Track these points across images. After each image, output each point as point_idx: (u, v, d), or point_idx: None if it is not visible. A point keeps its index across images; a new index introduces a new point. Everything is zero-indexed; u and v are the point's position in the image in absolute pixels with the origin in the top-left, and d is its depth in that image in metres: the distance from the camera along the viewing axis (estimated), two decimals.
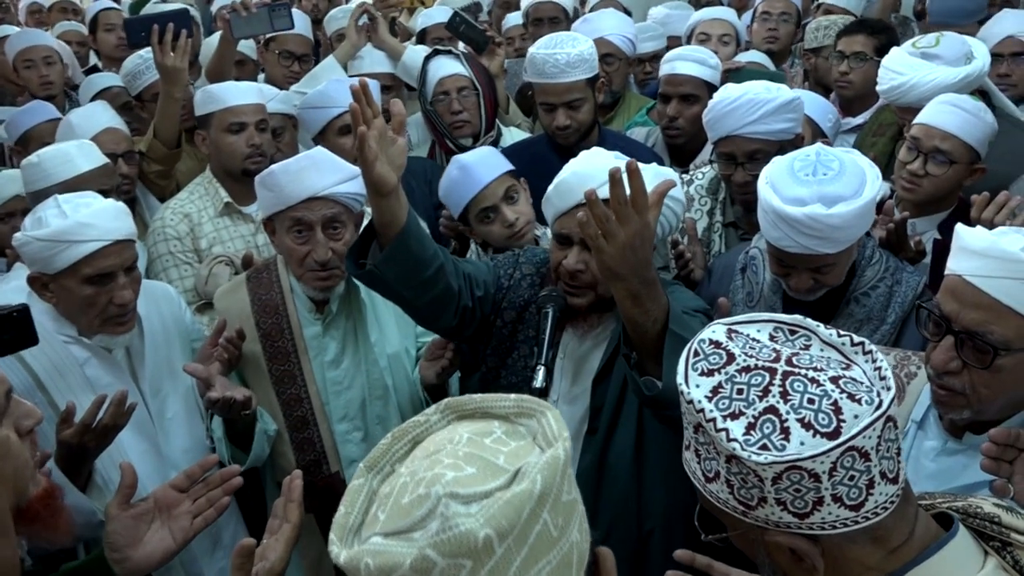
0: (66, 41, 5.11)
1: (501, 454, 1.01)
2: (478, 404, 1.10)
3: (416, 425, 1.10)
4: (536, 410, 1.07)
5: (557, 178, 2.19)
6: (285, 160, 2.49)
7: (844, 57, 3.73)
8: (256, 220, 3.23)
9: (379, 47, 4.01)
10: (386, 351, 2.58)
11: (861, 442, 1.12)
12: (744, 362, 1.18)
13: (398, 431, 1.10)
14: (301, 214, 2.45)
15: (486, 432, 1.04)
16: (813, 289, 2.32)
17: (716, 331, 1.25)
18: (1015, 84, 3.58)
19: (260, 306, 2.57)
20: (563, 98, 3.16)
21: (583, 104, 3.18)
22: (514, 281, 2.33)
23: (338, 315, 2.58)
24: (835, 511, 1.14)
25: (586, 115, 3.21)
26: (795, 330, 1.24)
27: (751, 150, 2.71)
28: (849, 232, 2.18)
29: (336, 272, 2.50)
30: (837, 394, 1.13)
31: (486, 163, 2.80)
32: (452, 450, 1.01)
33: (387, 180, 1.95)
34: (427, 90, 3.54)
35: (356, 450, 2.59)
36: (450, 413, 1.11)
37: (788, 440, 1.12)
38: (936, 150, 2.68)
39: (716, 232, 2.91)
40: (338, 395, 2.57)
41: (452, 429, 1.08)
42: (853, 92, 3.72)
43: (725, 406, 1.17)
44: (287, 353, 2.54)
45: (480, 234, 2.87)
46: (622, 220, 1.76)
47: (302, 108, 3.39)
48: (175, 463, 2.43)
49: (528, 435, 1.06)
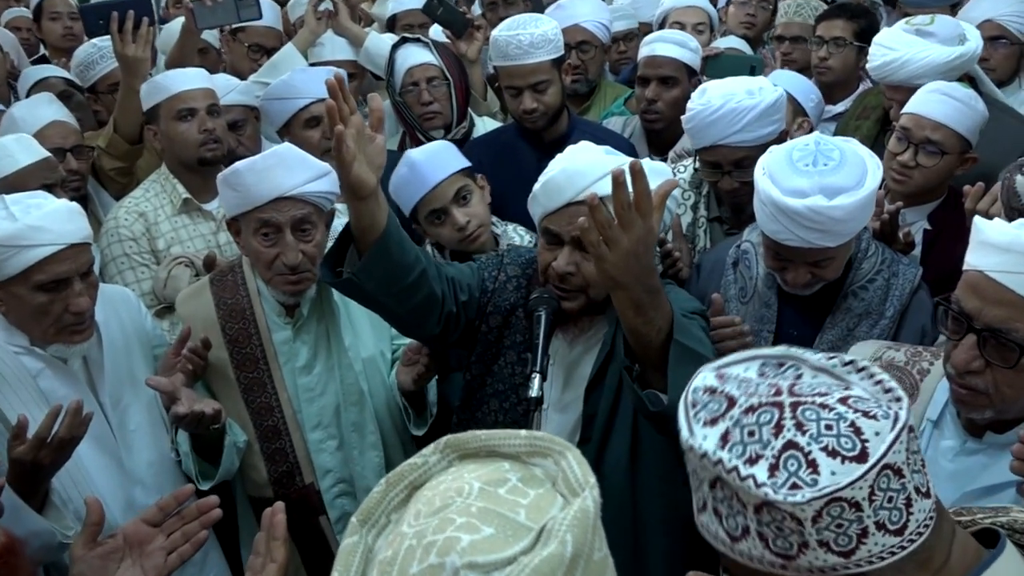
0: (15, 28, 4.95)
1: (521, 508, 0.91)
2: (483, 442, 1.00)
3: (412, 468, 1.00)
4: (552, 449, 0.98)
5: (545, 175, 2.13)
6: (251, 157, 2.39)
7: (823, 42, 3.70)
8: (217, 217, 3.14)
9: (340, 34, 3.90)
10: (360, 355, 2.50)
11: (893, 458, 1.05)
12: (747, 402, 1.10)
13: (392, 476, 1.01)
14: (269, 215, 2.35)
15: (499, 480, 0.94)
16: (810, 284, 2.28)
17: (706, 377, 1.17)
18: (994, 68, 3.55)
19: (226, 310, 2.47)
20: (528, 80, 3.09)
21: (549, 86, 3.12)
22: (499, 284, 2.25)
23: (309, 318, 2.50)
24: (880, 540, 1.07)
25: (553, 98, 3.14)
26: (782, 362, 1.17)
27: (737, 158, 2.64)
28: (851, 224, 2.14)
29: (307, 275, 2.41)
30: (852, 414, 1.06)
31: (437, 161, 2.74)
32: (463, 505, 0.91)
33: (366, 182, 1.86)
34: (395, 80, 3.44)
35: (331, 459, 2.52)
36: (450, 452, 1.01)
37: (818, 473, 1.04)
38: (927, 140, 2.64)
39: (701, 227, 2.85)
40: (311, 402, 2.49)
41: (457, 474, 0.98)
42: (833, 78, 3.68)
43: (740, 452, 1.07)
44: (255, 360, 2.45)
45: (431, 235, 2.82)
46: (625, 225, 1.69)
47: (265, 99, 3.29)
48: (139, 478, 2.35)
49: (546, 480, 0.97)
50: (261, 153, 2.38)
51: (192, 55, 3.67)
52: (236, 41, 4.04)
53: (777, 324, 2.38)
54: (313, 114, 3.16)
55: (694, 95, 2.72)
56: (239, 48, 4.03)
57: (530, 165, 3.01)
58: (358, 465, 2.50)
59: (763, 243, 2.30)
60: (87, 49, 3.73)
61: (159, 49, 4.05)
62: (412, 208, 2.75)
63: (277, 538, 1.60)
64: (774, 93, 2.64)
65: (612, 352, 2.12)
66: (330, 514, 2.51)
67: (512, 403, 2.20)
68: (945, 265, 2.55)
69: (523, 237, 2.89)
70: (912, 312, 2.33)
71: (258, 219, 2.36)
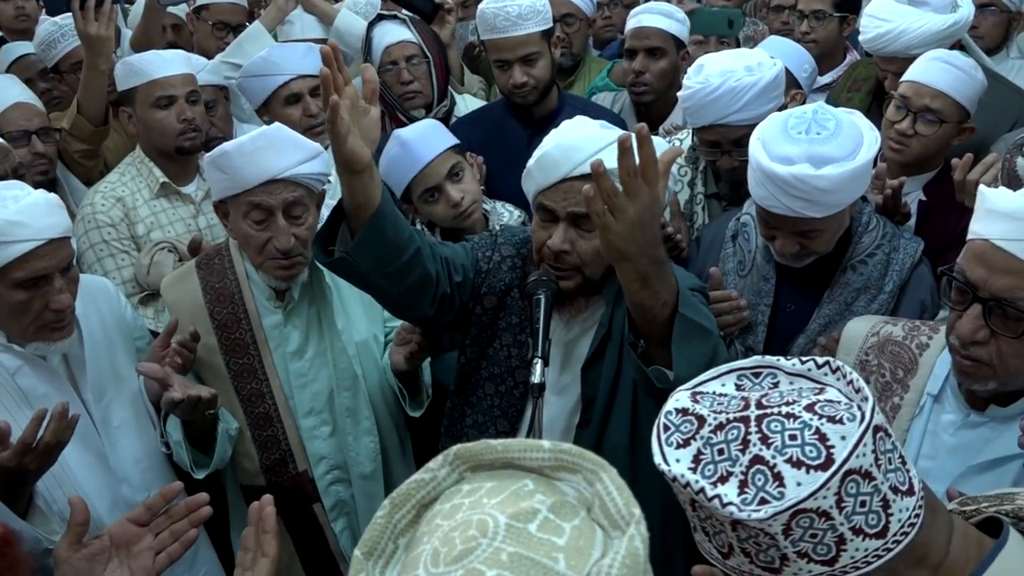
0: None
1: (559, 553, 0.81)
2: (499, 453, 0.92)
3: (419, 486, 0.92)
4: (582, 466, 0.89)
5: (539, 150, 2.12)
6: (239, 138, 2.37)
7: (803, 16, 3.73)
8: (196, 200, 3.12)
9: (310, 11, 3.88)
10: (354, 339, 2.50)
11: (857, 463, 1.05)
12: (715, 420, 1.12)
13: (397, 496, 0.92)
14: (260, 199, 2.33)
15: (528, 512, 0.84)
16: (800, 255, 2.30)
17: (680, 399, 1.18)
18: (982, 36, 3.60)
19: (213, 295, 2.46)
20: (517, 53, 3.10)
21: (539, 59, 3.12)
22: (493, 264, 2.24)
23: (300, 302, 2.49)
24: (861, 545, 1.07)
25: (543, 71, 3.14)
26: (759, 372, 1.19)
27: (737, 137, 2.65)
28: (837, 197, 2.14)
29: (300, 259, 2.40)
30: (816, 421, 1.07)
31: (428, 139, 2.74)
32: (491, 551, 0.80)
33: (361, 156, 1.83)
34: (373, 59, 3.42)
35: (324, 446, 2.52)
36: (461, 465, 0.93)
37: (784, 486, 1.05)
38: (926, 109, 2.67)
39: (698, 204, 2.86)
40: (303, 388, 2.49)
41: (474, 496, 0.88)
42: (817, 51, 3.69)
43: (711, 472, 1.09)
44: (245, 345, 2.44)
45: (424, 214, 2.83)
46: (631, 194, 1.67)
47: (243, 77, 3.26)
48: (125, 475, 2.33)
49: (579, 506, 0.87)
50: (249, 134, 2.36)
51: (157, 33, 3.64)
52: (200, 19, 4.00)
53: (775, 298, 2.41)
54: (293, 91, 3.16)
55: (690, 72, 2.72)
56: (203, 26, 3.99)
57: (520, 142, 3.08)
58: (352, 451, 2.51)
59: (755, 210, 2.32)
60: (48, 28, 3.68)
61: (129, 27, 4.00)
62: (405, 187, 2.76)
63: (267, 531, 1.58)
64: (773, 68, 2.64)
65: (609, 332, 2.12)
66: (324, 501, 2.52)
67: (508, 386, 2.20)
68: (940, 236, 2.61)
69: (512, 214, 2.91)
70: (912, 287, 2.36)
71: (248, 202, 2.34)
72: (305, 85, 3.16)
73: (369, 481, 2.52)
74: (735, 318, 2.39)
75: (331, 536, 2.52)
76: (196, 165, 3.20)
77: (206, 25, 3.97)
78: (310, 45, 3.26)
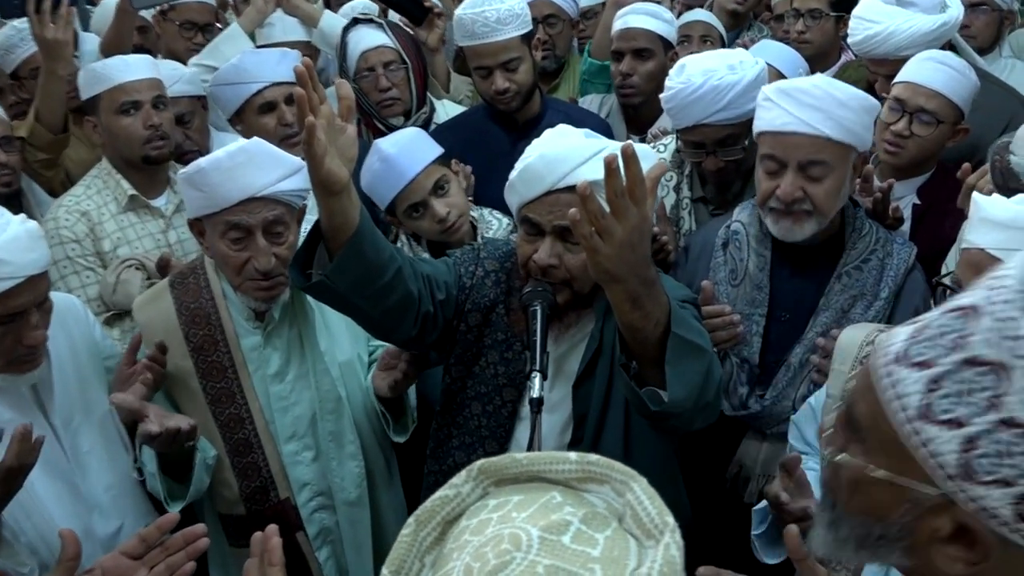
0: None
1: (595, 564, 0.82)
2: (525, 467, 0.93)
3: (444, 502, 0.94)
4: (611, 477, 0.91)
5: (521, 162, 2.13)
6: (216, 154, 2.35)
7: (799, 15, 3.76)
8: (167, 214, 3.10)
9: (291, 13, 3.87)
10: (337, 359, 2.49)
11: None
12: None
13: (422, 514, 0.94)
14: (238, 218, 2.32)
15: (560, 525, 0.85)
16: (800, 215, 2.32)
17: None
18: (974, 36, 3.65)
19: (188, 316, 2.44)
20: (498, 59, 3.11)
21: (521, 64, 3.13)
22: (477, 280, 2.24)
23: (280, 322, 2.47)
24: None
25: (525, 75, 3.16)
26: None
27: (721, 137, 2.70)
28: (850, 117, 2.28)
29: (281, 280, 2.39)
30: None
31: (411, 152, 2.74)
32: (527, 565, 0.81)
33: (338, 176, 1.83)
34: (349, 65, 3.43)
35: (307, 472, 2.50)
36: (485, 479, 0.94)
37: None
38: (921, 109, 2.72)
39: (685, 209, 2.89)
40: (284, 412, 2.47)
41: (502, 509, 0.89)
42: (813, 51, 3.75)
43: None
44: (223, 368, 2.42)
45: (409, 228, 2.84)
46: (619, 214, 1.66)
47: (215, 85, 3.24)
48: (97, 503, 2.30)
49: (610, 517, 0.89)
50: (226, 148, 2.34)
51: (129, 37, 3.62)
52: (167, 20, 3.98)
53: (769, 307, 2.45)
54: (267, 99, 3.15)
55: (672, 72, 2.76)
56: (171, 27, 3.96)
57: (503, 148, 3.10)
58: (337, 476, 2.49)
59: (759, 158, 2.39)
60: (6, 32, 3.65)
61: (93, 30, 3.97)
62: (389, 204, 2.77)
63: (274, 564, 1.57)
64: (756, 67, 2.70)
65: (600, 347, 2.13)
66: (308, 530, 2.49)
67: (496, 406, 2.21)
68: (935, 240, 2.66)
69: (501, 221, 2.92)
70: (906, 293, 2.40)
71: (226, 221, 2.32)
72: (280, 93, 3.15)
73: (354, 508, 2.51)
74: (729, 333, 2.42)
75: (315, 566, 2.50)
76: (166, 176, 3.18)
77: (173, 26, 3.95)
78: (284, 51, 3.26)
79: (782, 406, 2.42)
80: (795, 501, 1.74)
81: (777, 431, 2.45)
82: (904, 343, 1.09)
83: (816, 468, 1.91)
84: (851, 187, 2.44)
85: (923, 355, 1.05)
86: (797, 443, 2.16)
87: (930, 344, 1.05)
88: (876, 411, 1.10)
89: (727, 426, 2.45)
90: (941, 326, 1.06)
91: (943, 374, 1.03)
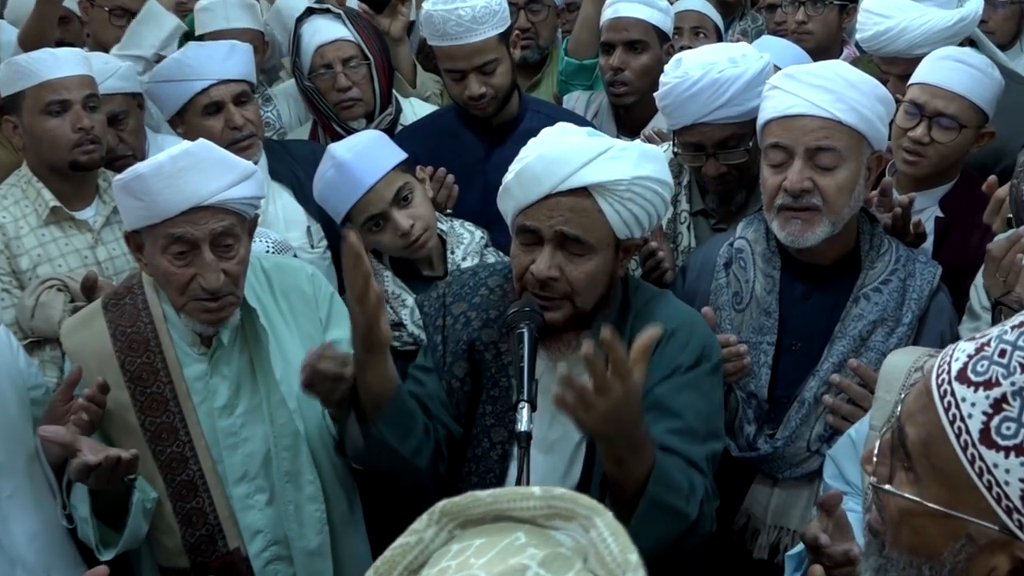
0: None
1: None
2: (488, 506, 0.94)
3: (405, 550, 0.94)
4: (576, 512, 0.92)
5: (518, 163, 2.15)
6: (157, 158, 2.31)
7: (799, 3, 3.78)
8: (95, 227, 3.07)
9: None
10: (295, 389, 2.41)
11: None
12: None
13: (381, 566, 0.94)
14: (182, 230, 2.28)
15: (516, 571, 0.86)
16: (808, 210, 2.32)
17: None
18: (993, 31, 3.70)
19: (125, 341, 2.40)
20: (473, 62, 3.08)
21: (498, 65, 3.11)
22: (449, 330, 2.31)
23: (230, 348, 2.44)
24: None
25: (503, 78, 3.13)
26: None
27: (722, 138, 2.69)
28: (861, 100, 2.31)
29: (230, 300, 2.35)
30: None
31: (369, 158, 2.73)
32: None
33: (387, 334, 2.05)
34: (303, 61, 3.41)
35: (260, 517, 2.46)
36: (449, 522, 0.95)
37: None
38: (941, 113, 2.72)
39: (683, 223, 2.88)
40: (233, 449, 2.44)
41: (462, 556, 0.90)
42: (814, 43, 3.76)
43: None
44: (164, 400, 2.39)
45: (369, 244, 2.77)
46: (604, 392, 1.78)
47: (153, 82, 3.22)
48: (19, 555, 2.29)
49: (575, 556, 0.90)
50: (168, 152, 2.31)
51: (53, 26, 3.58)
52: (94, 7, 3.95)
53: (778, 335, 2.44)
54: (213, 99, 3.12)
55: (667, 67, 2.76)
56: (99, 14, 3.94)
57: (475, 155, 3.12)
58: (294, 523, 2.46)
59: (763, 152, 2.41)
60: None
61: (8, 19, 3.95)
62: (345, 216, 2.74)
63: None
64: (760, 61, 2.70)
65: None
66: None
67: (484, 448, 2.27)
68: (960, 257, 2.66)
69: (473, 234, 2.90)
70: (931, 317, 2.41)
71: (168, 234, 2.29)
72: (228, 92, 3.13)
73: (315, 557, 2.47)
74: (735, 366, 2.41)
75: None
76: (95, 184, 3.14)
77: (102, 12, 3.92)
78: (233, 44, 3.23)
79: (795, 447, 2.41)
80: (836, 543, 1.72)
81: (789, 475, 2.43)
82: (965, 359, 1.08)
83: (857, 509, 1.91)
84: (866, 191, 2.44)
85: (987, 373, 1.06)
86: (835, 481, 2.15)
87: (995, 361, 1.05)
88: (930, 434, 1.10)
89: (733, 469, 2.43)
90: (1007, 342, 1.05)
91: (1009, 394, 1.03)
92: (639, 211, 2.14)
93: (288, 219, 3.18)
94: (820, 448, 2.37)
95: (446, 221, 2.93)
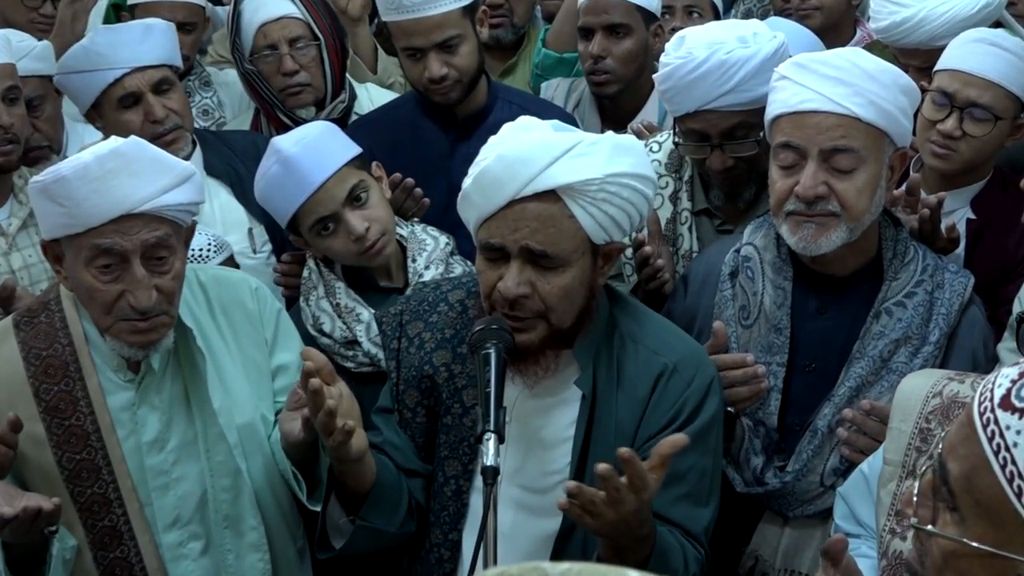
0: None
1: None
2: None
3: None
4: None
5: (477, 166, 2.14)
6: (80, 156, 2.28)
7: None
8: (10, 232, 3.07)
9: None
10: (235, 421, 2.44)
11: None
12: None
13: None
14: (110, 240, 2.26)
15: None
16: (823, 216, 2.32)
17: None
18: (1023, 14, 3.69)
19: (39, 366, 2.38)
20: (432, 38, 3.07)
21: (461, 43, 3.11)
22: (403, 354, 2.35)
23: (161, 375, 2.43)
24: None
25: (467, 59, 3.13)
26: None
27: (729, 126, 2.68)
28: (881, 95, 2.31)
29: (163, 320, 2.33)
30: None
31: (318, 152, 2.73)
32: None
33: (363, 446, 2.11)
34: (243, 42, 3.41)
35: (194, 568, 2.45)
36: None
37: None
38: (973, 104, 2.73)
39: (684, 224, 2.88)
40: (164, 491, 2.43)
41: None
42: (821, 21, 3.77)
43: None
44: (84, 435, 2.37)
45: (319, 249, 2.79)
46: (615, 504, 1.88)
47: (62, 74, 3.23)
48: None
49: None
50: (93, 149, 2.28)
51: None
52: None
53: (790, 354, 2.43)
54: (129, 90, 3.13)
55: (669, 47, 2.75)
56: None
57: (438, 150, 3.15)
58: (234, 574, 2.45)
59: (772, 151, 2.42)
60: None
61: None
62: (290, 218, 2.72)
63: None
64: (773, 41, 2.70)
65: (594, 406, 2.14)
66: None
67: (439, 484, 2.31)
68: (995, 263, 2.68)
69: (437, 240, 2.89)
70: (962, 335, 2.41)
71: (93, 245, 2.27)
72: (145, 80, 3.14)
73: None
74: (751, 390, 2.41)
75: None
76: (9, 183, 3.15)
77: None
78: (148, 24, 3.24)
79: (807, 481, 2.41)
80: None
81: (801, 513, 2.44)
82: (1009, 385, 1.13)
83: (871, 555, 1.92)
84: (888, 193, 2.44)
85: None
86: (845, 523, 2.15)
87: None
88: (973, 467, 1.14)
89: (739, 506, 2.43)
90: None
91: None
92: (616, 212, 2.13)
93: (227, 220, 3.19)
94: (835, 483, 2.36)
95: (406, 226, 2.92)
